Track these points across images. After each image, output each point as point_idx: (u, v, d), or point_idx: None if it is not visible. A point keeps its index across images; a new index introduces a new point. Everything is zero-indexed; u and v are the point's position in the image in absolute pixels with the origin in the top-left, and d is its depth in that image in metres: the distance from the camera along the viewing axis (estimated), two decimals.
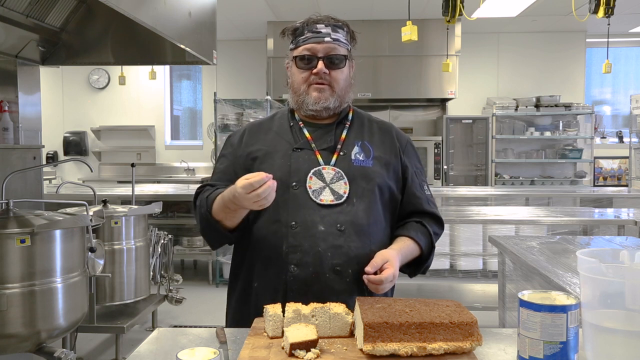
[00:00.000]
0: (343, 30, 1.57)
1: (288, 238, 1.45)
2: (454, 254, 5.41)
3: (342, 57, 1.55)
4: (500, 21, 6.97)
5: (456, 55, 6.72)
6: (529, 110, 7.18)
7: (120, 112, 8.20)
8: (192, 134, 8.58)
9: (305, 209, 1.45)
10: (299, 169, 1.50)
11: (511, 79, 7.73)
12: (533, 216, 3.92)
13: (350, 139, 1.58)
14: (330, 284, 1.42)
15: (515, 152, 7.46)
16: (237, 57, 7.89)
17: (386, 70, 6.94)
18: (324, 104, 1.54)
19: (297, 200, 1.47)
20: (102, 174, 8.08)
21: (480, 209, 4.52)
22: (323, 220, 1.45)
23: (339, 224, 1.45)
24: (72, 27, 3.18)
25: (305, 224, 1.45)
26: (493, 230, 5.06)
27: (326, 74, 1.52)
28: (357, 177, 1.51)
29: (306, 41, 1.53)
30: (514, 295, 2.83)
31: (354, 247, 1.45)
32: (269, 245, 1.47)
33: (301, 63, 1.54)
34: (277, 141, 1.57)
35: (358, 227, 1.47)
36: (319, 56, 1.52)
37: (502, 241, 2.89)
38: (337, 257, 1.43)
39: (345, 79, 1.57)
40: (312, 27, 1.54)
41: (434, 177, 6.93)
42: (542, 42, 7.66)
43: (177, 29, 2.60)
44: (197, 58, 3.08)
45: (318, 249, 1.43)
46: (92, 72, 8.13)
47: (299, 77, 1.55)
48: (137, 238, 3.50)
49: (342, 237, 1.44)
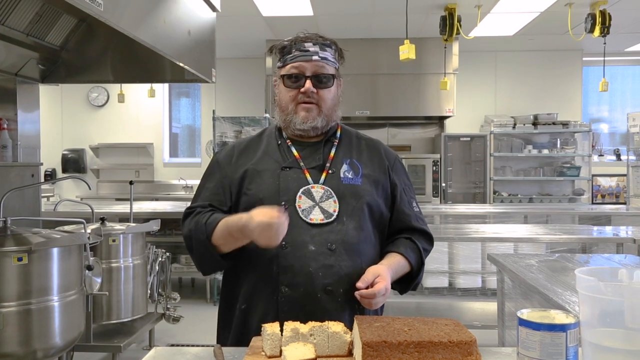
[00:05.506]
0: (331, 49, 1.57)
1: (279, 259, 1.44)
2: (452, 271, 5.39)
3: (329, 76, 1.55)
4: (497, 40, 7.03)
5: (454, 74, 6.76)
6: (526, 128, 7.21)
7: (119, 129, 8.21)
8: (190, 151, 8.60)
9: (296, 229, 1.44)
10: (288, 188, 1.50)
11: (509, 96, 7.78)
12: (532, 234, 3.91)
13: (339, 157, 1.57)
14: (322, 304, 1.42)
15: (513, 170, 7.47)
16: (236, 75, 7.94)
17: (384, 88, 6.98)
18: (311, 123, 1.53)
19: (287, 219, 1.47)
20: (100, 191, 8.07)
21: (479, 226, 4.51)
22: (313, 240, 1.44)
23: (329, 243, 1.44)
24: (72, 45, 3.19)
25: (295, 244, 1.44)
26: (492, 248, 5.05)
27: (314, 93, 1.52)
28: (347, 196, 1.50)
29: (294, 59, 1.53)
30: (513, 313, 2.81)
31: (345, 266, 1.44)
32: (260, 266, 1.46)
33: (289, 81, 1.54)
34: (266, 160, 1.57)
35: (349, 245, 1.46)
36: (306, 75, 1.52)
37: (501, 259, 2.88)
38: (328, 277, 1.42)
39: (332, 98, 1.57)
40: (300, 45, 1.54)
41: (432, 194, 6.93)
42: (539, 61, 7.72)
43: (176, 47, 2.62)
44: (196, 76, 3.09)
45: (309, 269, 1.42)
46: (92, 90, 8.16)
47: (287, 96, 1.55)
48: (134, 256, 3.49)
49: (333, 256, 1.44)
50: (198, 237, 1.48)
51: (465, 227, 4.39)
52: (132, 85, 7.85)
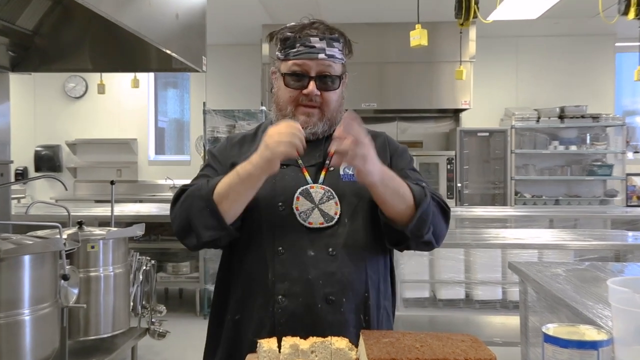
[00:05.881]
0: (339, 43, 1.55)
1: (274, 265, 1.44)
2: (469, 282, 5.39)
3: (335, 77, 1.53)
4: (519, 24, 7.02)
5: (470, 62, 6.76)
6: (552, 122, 7.20)
7: (99, 123, 8.23)
8: (178, 148, 8.61)
9: (293, 233, 1.44)
10: (285, 187, 1.49)
11: (532, 87, 7.77)
12: (558, 240, 3.90)
13: None
14: (323, 315, 1.41)
15: (537, 169, 7.46)
16: (229, 63, 7.94)
17: (393, 78, 6.98)
18: (311, 129, 1.53)
19: (284, 222, 1.46)
20: (78, 192, 8.08)
21: (499, 231, 4.50)
22: (312, 245, 1.44)
23: (330, 248, 1.44)
24: (46, 30, 3.19)
25: (293, 249, 1.43)
26: (513, 255, 5.04)
27: (317, 96, 1.51)
28: (347, 194, 1.50)
29: (298, 56, 1.51)
30: (538, 329, 2.81)
31: (348, 273, 1.44)
32: (253, 273, 1.46)
33: (290, 80, 1.52)
34: None
35: (351, 250, 1.46)
36: (310, 75, 1.51)
37: (524, 268, 2.88)
38: (329, 285, 1.42)
39: (337, 99, 1.56)
40: (305, 39, 1.51)
41: (446, 195, 6.93)
42: (566, 47, 7.71)
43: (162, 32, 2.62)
44: (184, 64, 3.09)
45: (308, 277, 1.42)
46: (68, 80, 8.18)
47: (286, 96, 1.54)
48: (116, 264, 3.49)
49: (335, 262, 1.43)
50: (200, 193, 1.43)
51: (484, 232, 4.39)
52: (113, 74, 7.86)
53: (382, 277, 1.55)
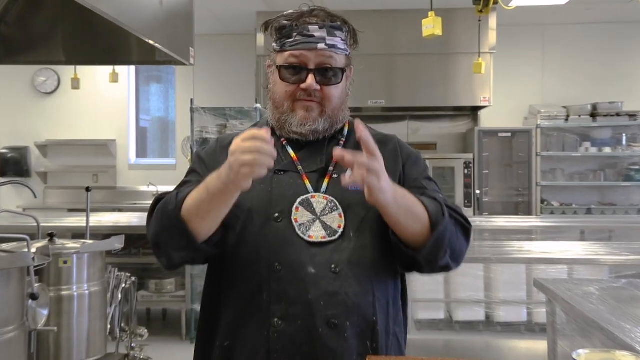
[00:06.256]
0: (342, 32, 1.56)
1: (270, 284, 1.44)
2: (490, 301, 5.37)
3: (337, 70, 1.54)
4: (545, 10, 7.02)
5: (490, 53, 6.77)
6: (582, 121, 7.20)
7: (73, 122, 8.23)
8: (162, 150, 8.61)
9: (291, 247, 1.44)
10: (282, 196, 1.50)
11: (560, 82, 7.77)
12: (591, 254, 3.90)
13: None
14: (324, 341, 1.41)
15: (566, 173, 7.46)
16: (219, 55, 7.96)
17: (403, 72, 6.99)
18: (311, 126, 1.53)
19: (281, 235, 1.46)
20: (49, 200, 8.08)
21: (523, 244, 4.49)
22: (313, 261, 1.44)
23: (333, 265, 1.44)
24: (13, 17, 3.20)
25: (291, 266, 1.43)
26: (540, 271, 5.03)
27: (317, 91, 1.52)
28: (354, 205, 1.50)
29: (295, 46, 1.52)
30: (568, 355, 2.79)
31: (353, 294, 1.44)
32: (246, 293, 1.46)
33: (286, 73, 1.53)
34: None
35: (357, 268, 1.46)
36: (309, 67, 1.51)
37: (552, 286, 2.87)
38: (332, 307, 1.42)
39: (339, 96, 1.57)
40: (303, 28, 1.52)
41: (463, 203, 6.92)
42: (598, 36, 7.71)
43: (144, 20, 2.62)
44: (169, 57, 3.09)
45: (308, 297, 1.42)
46: (38, 73, 8.19)
47: (283, 91, 1.54)
48: (91, 281, 3.47)
49: (338, 281, 1.44)
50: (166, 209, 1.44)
51: (506, 245, 4.38)
52: (89, 67, 7.85)
53: (391, 299, 1.54)
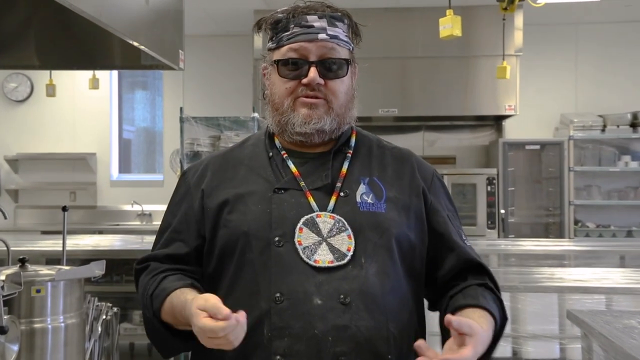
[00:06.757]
0: (343, 23, 1.58)
1: (271, 317, 1.44)
2: (517, 335, 5.35)
3: (342, 61, 1.56)
4: (578, 7, 7.04)
5: (516, 56, 6.78)
6: (621, 132, 7.19)
7: (48, 134, 8.26)
8: (148, 164, 8.63)
9: (294, 275, 1.45)
10: (283, 217, 1.50)
11: (595, 87, 7.76)
12: (631, 282, 3.88)
13: (354, 174, 1.58)
14: None
15: (603, 191, 7.44)
16: (212, 59, 7.99)
17: (418, 77, 7.00)
18: (316, 124, 1.54)
19: (283, 262, 1.46)
20: (20, 220, 8.09)
21: (554, 271, 4.48)
22: (320, 290, 1.44)
23: (342, 295, 1.44)
24: None
25: (294, 296, 1.44)
26: (574, 302, 5.00)
27: (320, 85, 1.53)
28: (366, 228, 1.51)
29: (292, 39, 1.54)
30: None
31: (365, 328, 1.44)
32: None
33: (285, 69, 1.55)
34: (252, 179, 1.58)
35: (369, 298, 1.46)
36: (310, 60, 1.53)
37: (588, 318, 2.86)
38: (341, 343, 1.42)
39: (346, 91, 1.59)
40: (301, 19, 1.54)
41: (487, 225, 6.91)
42: (639, 36, 7.72)
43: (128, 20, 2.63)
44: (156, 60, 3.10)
45: (314, 332, 1.42)
46: (8, 79, 8.23)
47: (282, 89, 1.56)
48: (68, 313, 3.45)
49: (348, 313, 1.44)
50: (146, 315, 1.55)
51: (535, 272, 4.37)
52: (66, 72, 7.89)
53: (407, 334, 1.53)
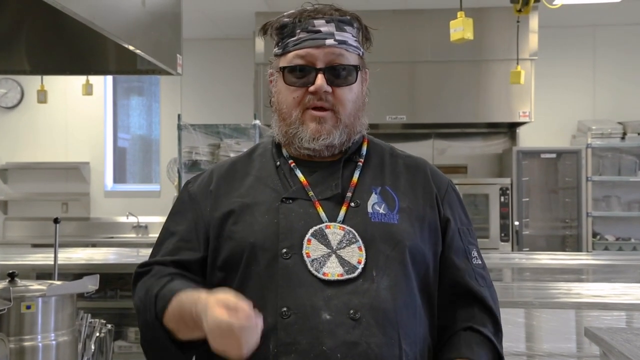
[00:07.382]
0: (352, 27, 1.58)
1: (277, 332, 1.44)
2: (533, 353, 5.33)
3: (351, 68, 1.56)
4: (596, 9, 7.04)
5: (531, 60, 6.77)
6: None
7: (39, 142, 8.27)
8: (144, 174, 8.63)
9: (302, 288, 1.45)
10: (291, 228, 1.51)
11: (614, 93, 7.76)
12: None
13: (366, 184, 1.59)
14: None
15: (622, 202, 7.43)
16: (211, 63, 8.00)
17: (428, 82, 7.01)
18: (325, 140, 1.55)
19: (290, 274, 1.46)
20: (9, 233, 8.11)
21: (572, 286, 4.47)
22: (329, 305, 1.44)
23: (352, 310, 1.44)
24: None
25: (302, 311, 1.44)
26: (592, 318, 4.99)
27: (328, 94, 1.54)
28: (377, 240, 1.51)
29: (299, 44, 1.55)
30: None
31: (376, 345, 1.44)
32: None
33: (291, 77, 1.56)
34: (259, 189, 1.59)
35: (381, 313, 1.46)
36: (317, 67, 1.53)
37: (607, 336, 2.85)
38: None
39: (355, 100, 1.59)
40: (308, 23, 1.55)
41: (500, 237, 6.89)
42: None
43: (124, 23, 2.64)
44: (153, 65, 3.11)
45: (322, 348, 1.42)
46: None
47: (289, 98, 1.57)
48: (59, 330, 3.45)
49: (358, 329, 1.43)
50: (146, 317, 1.51)
51: (551, 287, 4.36)
52: (58, 78, 7.92)
53: (420, 351, 1.54)
